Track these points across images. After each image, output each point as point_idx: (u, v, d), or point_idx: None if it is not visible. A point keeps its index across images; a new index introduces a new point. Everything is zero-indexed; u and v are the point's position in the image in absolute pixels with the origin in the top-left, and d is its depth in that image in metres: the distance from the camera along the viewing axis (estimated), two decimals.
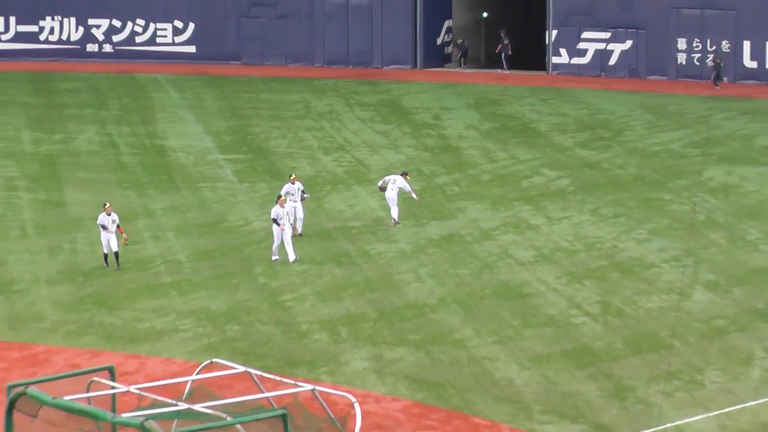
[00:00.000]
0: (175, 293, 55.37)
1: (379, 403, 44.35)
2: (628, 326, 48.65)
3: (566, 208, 64.06)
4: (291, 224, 58.63)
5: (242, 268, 57.20)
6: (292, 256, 57.69)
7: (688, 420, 42.14)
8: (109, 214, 57.56)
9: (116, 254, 57.39)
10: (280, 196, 59.74)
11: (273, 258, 58.09)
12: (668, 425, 42.53)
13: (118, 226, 57.14)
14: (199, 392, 38.90)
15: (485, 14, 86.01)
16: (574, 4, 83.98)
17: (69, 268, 57.39)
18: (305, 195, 60.42)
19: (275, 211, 58.16)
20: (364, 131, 75.37)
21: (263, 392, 39.91)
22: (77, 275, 56.79)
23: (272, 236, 58.18)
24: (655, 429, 42.93)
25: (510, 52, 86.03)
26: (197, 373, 40.66)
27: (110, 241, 57.27)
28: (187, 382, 39.59)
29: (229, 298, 54.56)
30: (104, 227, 57.04)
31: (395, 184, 62.07)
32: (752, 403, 43.13)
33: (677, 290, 52.05)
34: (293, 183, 61.65)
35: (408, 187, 61.55)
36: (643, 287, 53.15)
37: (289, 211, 59.34)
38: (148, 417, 35.08)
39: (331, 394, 39.78)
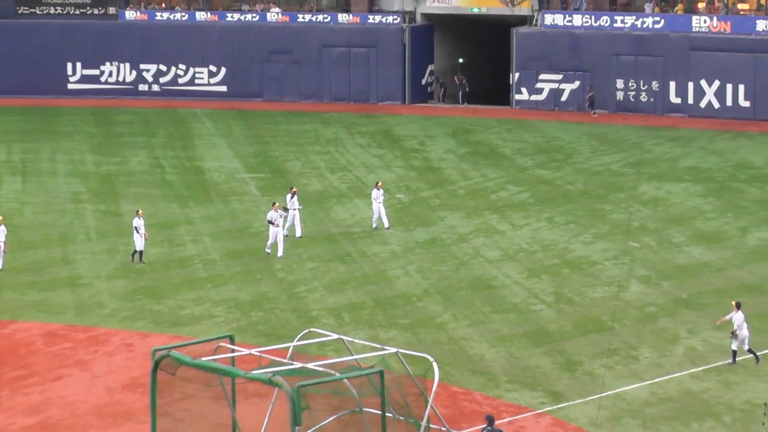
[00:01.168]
0: (210, 286, 55.51)
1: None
2: (576, 312, 49.01)
3: (526, 217, 64.18)
4: (288, 226, 59.12)
5: (264, 265, 57.28)
6: (280, 253, 58.10)
7: (625, 388, 42.44)
8: (140, 218, 57.79)
9: (141, 252, 57.83)
10: (274, 203, 59.48)
11: (266, 251, 58.66)
12: (609, 392, 42.78)
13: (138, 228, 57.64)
14: (298, 357, 39.83)
15: (461, 60, 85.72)
16: (533, 52, 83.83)
17: (124, 266, 57.47)
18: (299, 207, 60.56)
19: (270, 214, 58.32)
20: (363, 155, 75.45)
21: (353, 355, 40.43)
22: (131, 272, 56.90)
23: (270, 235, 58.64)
24: (599, 395, 43.18)
25: (467, 90, 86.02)
26: (297, 340, 41.44)
27: (138, 241, 57.65)
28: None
29: (253, 290, 54.70)
30: (137, 229, 57.27)
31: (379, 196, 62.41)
32: (677, 374, 43.39)
33: (616, 283, 52.40)
34: (293, 195, 61.82)
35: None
36: (588, 280, 53.57)
37: (290, 216, 59.80)
38: (274, 373, 36.92)
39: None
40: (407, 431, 37.32)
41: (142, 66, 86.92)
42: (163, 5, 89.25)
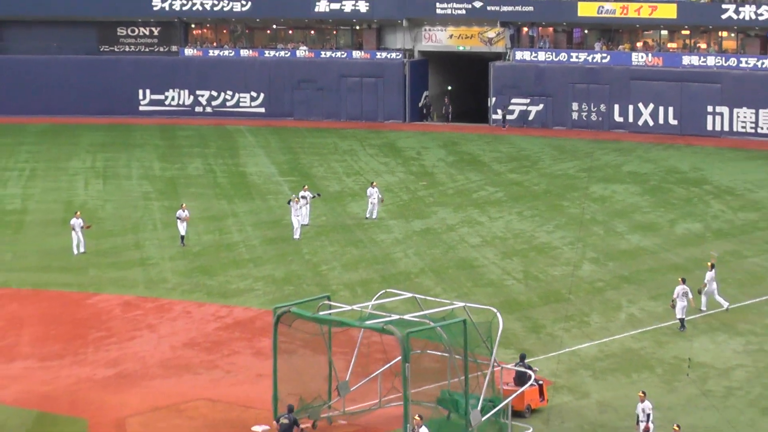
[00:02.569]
0: (251, 265, 55.51)
1: (382, 335, 44.31)
2: (540, 286, 49.15)
3: (501, 211, 64.00)
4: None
5: (294, 249, 57.26)
6: (297, 236, 58.57)
7: (579, 346, 42.65)
8: (183, 211, 57.78)
9: (183, 237, 57.95)
10: (294, 197, 60.08)
11: (294, 238, 58.93)
12: (567, 350, 42.84)
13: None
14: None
15: (449, 87, 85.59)
16: (506, 81, 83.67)
17: (184, 250, 57.47)
18: (316, 195, 60.95)
19: (293, 206, 59.01)
20: (372, 162, 75.30)
21: (422, 310, 39.66)
22: (189, 254, 56.94)
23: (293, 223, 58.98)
24: (558, 352, 43.19)
25: (450, 110, 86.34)
26: (375, 299, 41.35)
27: (180, 227, 57.75)
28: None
29: (286, 269, 54.69)
30: (179, 218, 57.40)
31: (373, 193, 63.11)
32: (620, 335, 43.43)
33: (572, 263, 52.52)
34: (306, 191, 61.83)
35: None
36: (550, 261, 53.47)
37: (303, 206, 59.77)
38: (385, 322, 38.05)
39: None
40: (478, 369, 37.66)
41: (198, 92, 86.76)
42: (214, 44, 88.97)
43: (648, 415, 34.50)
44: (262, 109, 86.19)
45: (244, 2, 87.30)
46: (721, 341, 45.43)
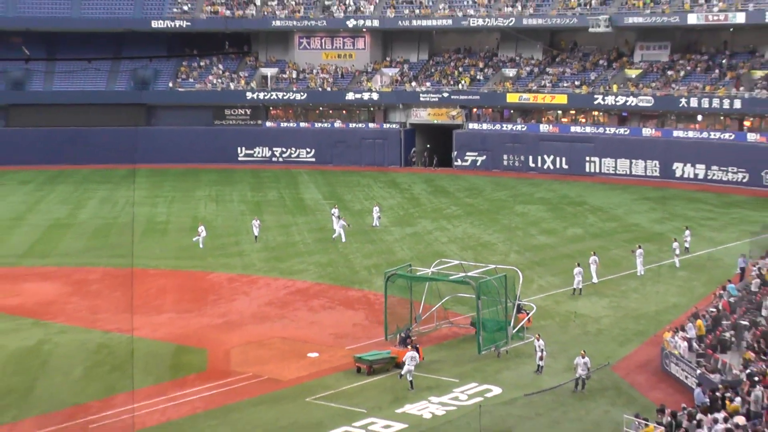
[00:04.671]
0: (306, 255, 55.34)
1: (379, 295, 44.12)
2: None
3: (460, 222, 63.78)
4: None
5: (333, 247, 56.98)
6: (343, 239, 57.66)
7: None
8: (256, 221, 58.33)
9: (256, 237, 57.74)
10: (334, 210, 60.77)
11: (333, 237, 58.25)
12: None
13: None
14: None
15: (428, 145, 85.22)
16: (463, 141, 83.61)
17: (264, 246, 57.32)
18: (348, 225, 59.65)
19: (335, 217, 59.25)
20: (380, 191, 75.03)
21: (465, 272, 41.33)
22: (268, 248, 56.72)
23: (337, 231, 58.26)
24: None
25: (428, 159, 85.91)
26: (434, 266, 43.28)
27: (254, 231, 57.79)
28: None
29: (327, 258, 54.57)
30: (254, 226, 57.82)
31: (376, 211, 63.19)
32: (533, 297, 43.19)
33: (504, 254, 52.17)
34: (335, 208, 61.60)
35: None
36: (490, 253, 52.67)
37: (336, 223, 59.03)
38: (465, 277, 40.63)
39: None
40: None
41: (274, 149, 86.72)
42: (284, 119, 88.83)
43: (587, 368, 34.93)
44: (313, 159, 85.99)
45: (301, 94, 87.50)
46: (594, 301, 45.69)
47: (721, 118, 75.62)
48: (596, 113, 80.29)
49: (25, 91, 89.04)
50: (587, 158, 79.13)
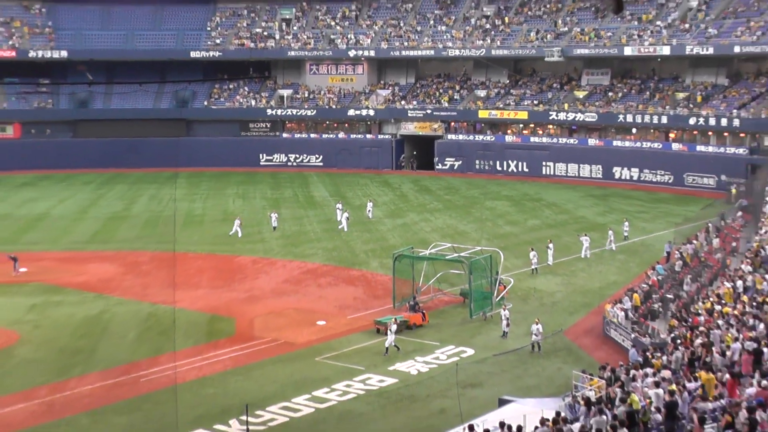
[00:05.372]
0: (315, 242, 55.14)
1: (376, 274, 44.08)
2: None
3: (441, 215, 63.55)
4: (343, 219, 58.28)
5: (337, 235, 56.81)
6: (346, 229, 57.18)
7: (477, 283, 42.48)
8: (274, 214, 58.17)
9: (275, 227, 57.39)
10: (339, 204, 61.21)
11: (339, 227, 57.69)
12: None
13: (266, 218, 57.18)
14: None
15: (414, 152, 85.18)
16: (443, 149, 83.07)
17: (281, 234, 57.03)
18: (346, 213, 59.34)
19: (339, 211, 59.34)
20: (376, 190, 74.70)
21: (458, 254, 42.11)
22: (284, 236, 56.42)
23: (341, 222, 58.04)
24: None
25: (414, 164, 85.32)
26: (431, 248, 44.25)
27: (273, 222, 57.58)
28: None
29: (332, 244, 54.36)
30: (272, 218, 57.85)
31: (369, 207, 62.66)
32: (501, 276, 43.04)
33: (476, 240, 51.72)
34: (339, 203, 61.82)
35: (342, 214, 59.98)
36: (465, 239, 51.85)
37: (340, 216, 58.88)
38: (458, 256, 41.73)
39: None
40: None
41: (289, 155, 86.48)
42: (297, 131, 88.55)
43: (540, 332, 35.15)
44: (321, 163, 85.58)
45: (311, 111, 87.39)
46: (550, 279, 45.79)
47: (651, 131, 75.78)
48: (551, 127, 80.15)
49: (88, 109, 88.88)
50: (543, 163, 78.91)
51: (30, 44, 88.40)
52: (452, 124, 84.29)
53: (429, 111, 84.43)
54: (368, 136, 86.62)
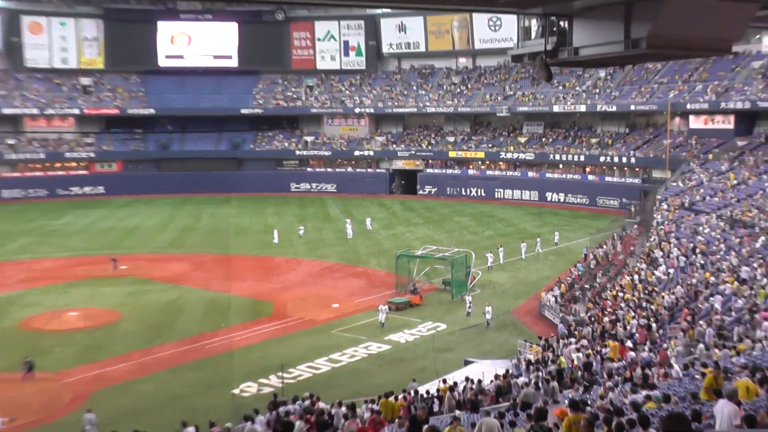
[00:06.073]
0: (330, 247, 54.53)
1: (375, 270, 43.93)
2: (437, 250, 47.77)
3: (422, 227, 62.81)
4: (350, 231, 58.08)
5: (346, 241, 56.45)
6: (350, 237, 56.94)
7: (447, 277, 42.16)
8: (301, 228, 57.81)
9: (300, 235, 56.71)
10: (348, 219, 60.37)
11: (349, 237, 57.29)
12: (449, 276, 42.22)
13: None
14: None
15: (402, 181, 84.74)
16: (425, 180, 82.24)
17: (306, 241, 56.61)
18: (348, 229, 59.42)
19: (347, 225, 58.27)
20: (373, 209, 73.68)
21: (443, 254, 41.82)
22: (308, 243, 56.07)
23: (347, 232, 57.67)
24: (445, 277, 42.67)
25: (401, 189, 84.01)
26: (421, 250, 43.81)
27: (300, 232, 56.98)
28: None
29: (343, 248, 53.85)
30: (300, 230, 57.34)
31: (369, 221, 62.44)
32: (473, 269, 42.81)
33: (448, 245, 51.26)
34: (348, 220, 61.09)
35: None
36: (441, 245, 49.95)
37: (348, 228, 58.46)
38: (443, 255, 40.84)
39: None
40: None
41: (312, 184, 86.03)
42: (318, 166, 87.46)
43: (490, 312, 35.16)
44: (335, 190, 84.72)
45: (328, 151, 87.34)
46: (501, 274, 45.63)
47: (573, 166, 75.71)
48: (501, 163, 80.00)
49: (168, 151, 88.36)
50: (496, 189, 78.55)
51: (128, 104, 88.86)
52: (429, 161, 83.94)
53: (413, 152, 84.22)
54: (369, 170, 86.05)
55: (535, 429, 11.91)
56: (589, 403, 14.96)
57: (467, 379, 22.73)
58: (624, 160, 70.43)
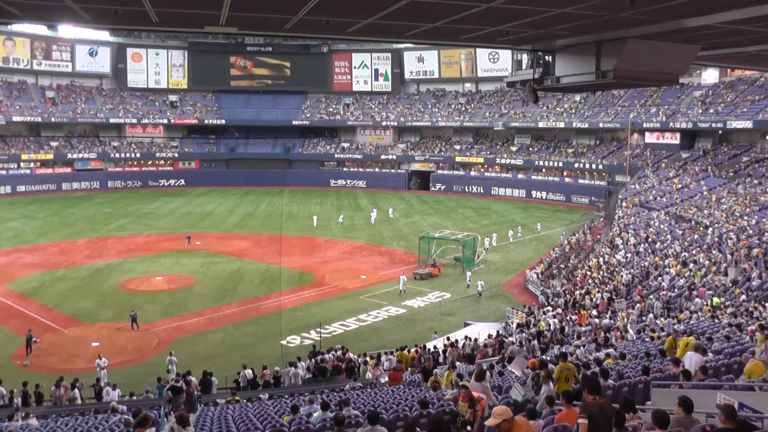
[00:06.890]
0: (360, 230, 54.00)
1: (395, 249, 43.68)
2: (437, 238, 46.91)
3: (433, 217, 61.98)
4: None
5: (372, 226, 56.06)
6: (372, 222, 56.18)
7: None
8: (341, 216, 55.74)
9: (339, 222, 55.47)
10: (374, 209, 59.18)
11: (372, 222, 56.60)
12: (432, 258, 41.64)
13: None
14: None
15: (419, 180, 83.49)
16: (437, 179, 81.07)
17: (341, 226, 56.12)
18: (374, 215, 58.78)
19: (373, 215, 57.05)
20: (395, 201, 72.83)
21: (456, 236, 40.69)
22: (344, 228, 55.72)
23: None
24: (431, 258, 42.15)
25: (418, 185, 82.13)
26: (438, 233, 42.98)
27: (339, 219, 55.77)
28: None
29: (370, 231, 53.34)
30: (340, 219, 55.88)
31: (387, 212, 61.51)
32: (457, 255, 42.19)
33: (453, 230, 51.04)
34: (374, 210, 60.25)
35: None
36: (449, 230, 50.30)
37: (373, 217, 57.74)
38: (455, 237, 39.84)
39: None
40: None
41: (348, 180, 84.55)
42: (353, 166, 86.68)
43: (483, 285, 34.70)
44: (365, 186, 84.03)
45: (360, 155, 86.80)
46: (494, 254, 44.76)
47: (553, 170, 74.68)
48: (497, 167, 79.00)
49: (235, 152, 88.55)
50: (493, 188, 77.49)
51: (205, 116, 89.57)
52: (440, 164, 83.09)
53: (427, 157, 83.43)
54: (392, 170, 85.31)
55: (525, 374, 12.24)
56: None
57: (467, 337, 22.68)
58: (593, 166, 69.50)
